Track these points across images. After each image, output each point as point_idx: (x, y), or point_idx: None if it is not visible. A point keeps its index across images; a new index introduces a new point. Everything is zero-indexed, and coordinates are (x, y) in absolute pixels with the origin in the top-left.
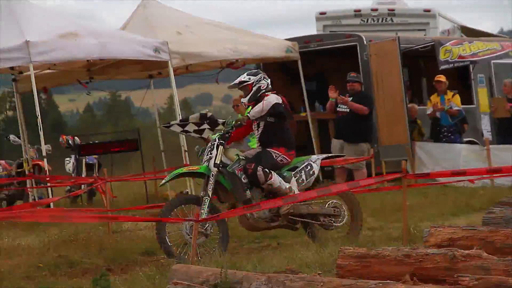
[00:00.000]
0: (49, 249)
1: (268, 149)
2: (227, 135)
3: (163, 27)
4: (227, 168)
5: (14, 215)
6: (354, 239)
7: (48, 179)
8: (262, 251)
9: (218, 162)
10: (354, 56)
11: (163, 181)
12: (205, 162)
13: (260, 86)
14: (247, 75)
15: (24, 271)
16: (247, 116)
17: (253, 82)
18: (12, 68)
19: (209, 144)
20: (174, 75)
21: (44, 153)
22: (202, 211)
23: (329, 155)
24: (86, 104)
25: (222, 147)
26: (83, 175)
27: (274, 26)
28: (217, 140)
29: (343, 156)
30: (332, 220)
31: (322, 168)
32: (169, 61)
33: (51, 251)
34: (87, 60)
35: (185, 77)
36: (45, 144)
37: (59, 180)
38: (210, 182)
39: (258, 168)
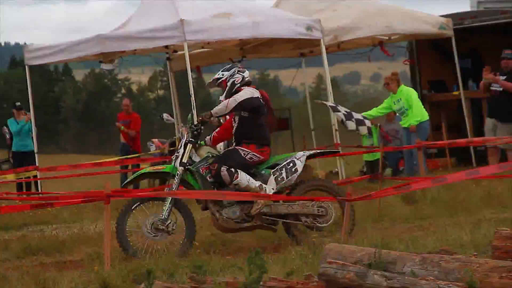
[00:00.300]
0: (202, 227)
1: (237, 147)
2: (195, 132)
3: (316, 3)
4: (191, 167)
5: (171, 193)
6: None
7: None
8: (414, 231)
9: (185, 161)
10: (509, 33)
11: (126, 181)
12: (173, 161)
13: (234, 80)
14: (221, 71)
15: (178, 249)
16: (210, 113)
17: (227, 78)
18: (166, 46)
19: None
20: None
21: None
22: (164, 208)
23: (317, 151)
24: None
25: (190, 145)
26: None
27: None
28: (186, 138)
29: (337, 152)
30: (316, 220)
31: (474, 148)
32: (322, 39)
33: (204, 230)
34: (240, 39)
35: (334, 55)
36: None
37: None
38: (175, 181)
39: (222, 168)
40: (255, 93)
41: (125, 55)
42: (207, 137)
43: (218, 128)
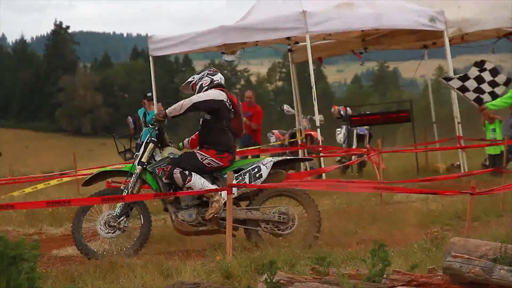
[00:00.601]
0: (322, 219)
1: (196, 151)
2: (157, 132)
3: None
4: (148, 167)
5: (291, 184)
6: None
7: (320, 149)
8: None
9: (144, 161)
10: None
11: (86, 179)
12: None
13: (202, 83)
14: (194, 74)
15: (300, 240)
16: (164, 112)
17: (196, 81)
18: (288, 38)
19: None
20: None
21: (317, 123)
22: (117, 204)
23: (283, 158)
24: (354, 75)
25: (152, 144)
26: (353, 146)
27: None
28: (148, 138)
29: (309, 159)
30: (277, 227)
31: None
32: (445, 31)
33: (324, 221)
34: (362, 30)
35: (456, 47)
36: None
37: (331, 151)
38: (132, 180)
39: (175, 170)
40: (219, 96)
41: (247, 47)
42: (186, 139)
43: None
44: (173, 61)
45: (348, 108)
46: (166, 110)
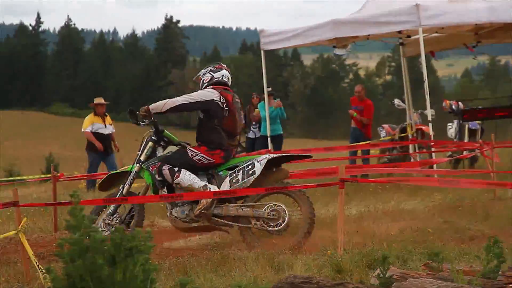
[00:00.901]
0: (434, 214)
1: (188, 148)
2: (153, 129)
3: None
4: (143, 165)
5: (402, 179)
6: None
7: (432, 144)
8: None
9: (142, 159)
10: None
11: (100, 183)
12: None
13: (204, 79)
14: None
15: (411, 235)
16: (147, 107)
17: (201, 76)
18: (399, 31)
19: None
20: None
21: (429, 118)
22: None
23: (279, 155)
24: (464, 69)
25: (151, 143)
26: (465, 140)
27: None
28: (147, 137)
29: (308, 156)
30: (267, 224)
31: None
32: None
33: (436, 216)
34: (475, 24)
35: None
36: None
37: (443, 145)
38: (130, 178)
39: (164, 166)
40: (209, 96)
41: (358, 40)
42: None
43: None
44: (281, 55)
45: (460, 103)
46: (150, 106)
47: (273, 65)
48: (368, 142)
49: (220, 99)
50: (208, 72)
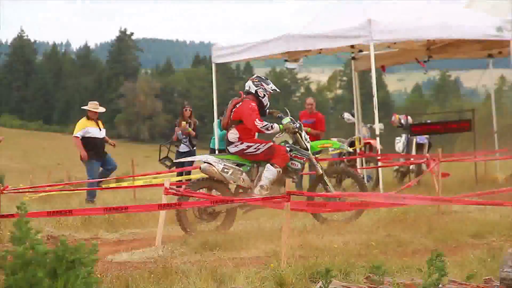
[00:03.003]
0: (379, 227)
1: None
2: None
3: (508, 4)
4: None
5: (350, 194)
6: None
7: (379, 158)
8: None
9: None
10: None
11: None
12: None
13: None
14: None
15: (354, 248)
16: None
17: None
18: (352, 46)
19: None
20: None
21: (377, 132)
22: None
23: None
24: (415, 84)
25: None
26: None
27: None
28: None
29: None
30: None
31: None
32: (511, 40)
33: (380, 230)
34: (427, 39)
35: None
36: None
37: (390, 161)
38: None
39: None
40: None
41: (310, 54)
42: None
43: None
44: (234, 68)
45: (409, 117)
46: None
47: (225, 79)
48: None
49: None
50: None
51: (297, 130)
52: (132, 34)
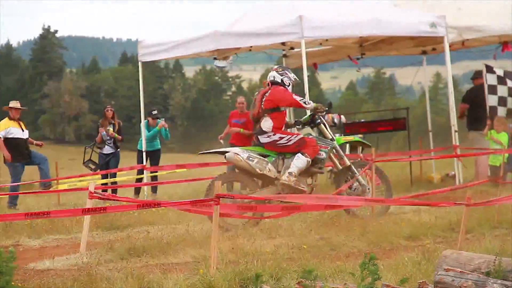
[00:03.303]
0: (311, 230)
1: None
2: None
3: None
4: None
5: (280, 196)
6: None
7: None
8: None
9: None
10: None
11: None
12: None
13: None
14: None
15: (286, 252)
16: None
17: None
18: (283, 43)
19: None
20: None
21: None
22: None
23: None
24: (349, 82)
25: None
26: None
27: None
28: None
29: None
30: None
31: None
32: (445, 37)
33: (313, 233)
34: (359, 36)
35: (453, 53)
36: None
37: None
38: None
39: None
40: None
41: (240, 52)
42: None
43: None
44: (163, 67)
45: (342, 116)
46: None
47: (154, 77)
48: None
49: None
50: None
51: (326, 109)
52: (56, 31)
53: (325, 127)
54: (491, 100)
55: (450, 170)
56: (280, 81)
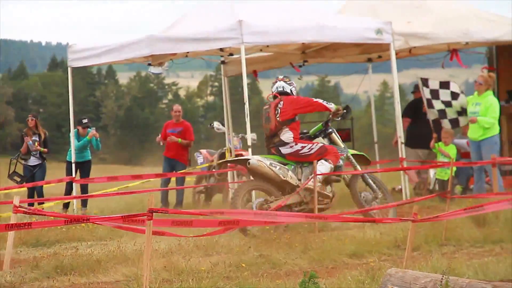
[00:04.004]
0: (250, 247)
1: None
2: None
3: (387, 8)
4: None
5: (217, 211)
6: None
7: None
8: (484, 256)
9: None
10: None
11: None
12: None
13: None
14: None
15: (223, 270)
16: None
17: None
18: (221, 49)
19: None
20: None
21: (249, 143)
22: None
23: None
24: None
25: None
26: None
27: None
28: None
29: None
30: None
31: None
32: (391, 43)
33: (252, 250)
34: (302, 42)
35: (400, 61)
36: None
37: None
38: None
39: None
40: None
41: (176, 58)
42: None
43: None
44: (95, 73)
45: None
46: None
47: (85, 84)
48: (182, 170)
49: (267, 107)
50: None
51: (345, 113)
52: None
53: (336, 135)
54: (432, 114)
55: (396, 184)
56: (289, 91)
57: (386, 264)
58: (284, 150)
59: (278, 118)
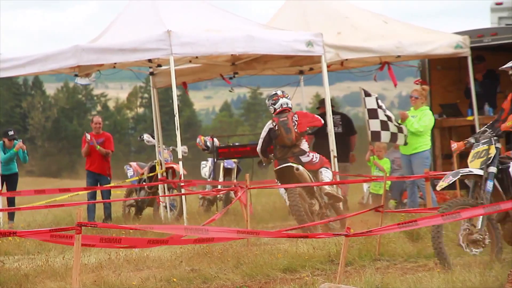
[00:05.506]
0: (182, 262)
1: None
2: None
3: (318, 20)
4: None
5: (147, 226)
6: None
7: (182, 184)
8: (418, 271)
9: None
10: None
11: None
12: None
13: (270, 111)
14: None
15: (154, 285)
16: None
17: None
18: (150, 60)
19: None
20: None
21: (180, 155)
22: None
23: None
24: (224, 102)
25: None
26: (220, 180)
27: (441, 17)
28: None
29: None
30: None
31: None
32: (323, 56)
33: (183, 264)
34: (232, 54)
35: (333, 74)
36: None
37: (193, 187)
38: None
39: None
40: (265, 130)
41: (104, 69)
42: None
43: None
44: (21, 83)
45: (215, 139)
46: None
47: (11, 95)
48: (108, 184)
49: (274, 125)
50: (270, 106)
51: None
52: None
53: None
54: (373, 125)
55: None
56: (291, 106)
57: (320, 279)
58: (304, 159)
59: (296, 130)
